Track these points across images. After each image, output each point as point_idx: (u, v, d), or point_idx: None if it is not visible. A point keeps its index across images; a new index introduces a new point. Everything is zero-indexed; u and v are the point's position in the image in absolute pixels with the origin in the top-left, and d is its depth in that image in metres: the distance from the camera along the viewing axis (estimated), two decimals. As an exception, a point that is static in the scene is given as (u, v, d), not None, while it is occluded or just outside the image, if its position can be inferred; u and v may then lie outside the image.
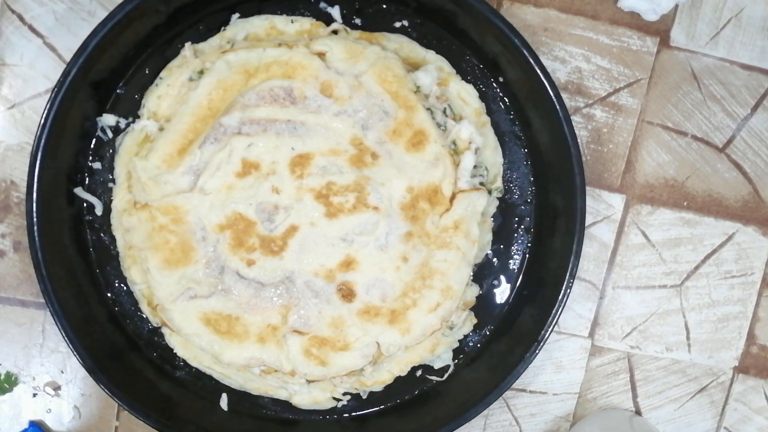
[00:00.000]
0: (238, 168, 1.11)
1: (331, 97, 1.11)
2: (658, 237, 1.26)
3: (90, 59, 1.08)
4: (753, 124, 1.25)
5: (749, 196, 1.26)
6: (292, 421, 1.22)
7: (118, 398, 1.12)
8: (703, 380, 1.28)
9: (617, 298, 1.26)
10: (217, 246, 1.12)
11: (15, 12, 1.18)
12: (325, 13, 1.18)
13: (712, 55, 1.24)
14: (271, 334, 1.13)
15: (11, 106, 1.20)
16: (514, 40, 1.10)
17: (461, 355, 1.23)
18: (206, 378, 1.20)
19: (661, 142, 1.25)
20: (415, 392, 1.23)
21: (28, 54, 1.19)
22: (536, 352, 1.14)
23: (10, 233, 1.21)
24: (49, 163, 1.09)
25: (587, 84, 1.23)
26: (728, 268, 1.27)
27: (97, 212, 1.18)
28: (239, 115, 1.10)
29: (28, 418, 1.23)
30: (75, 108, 1.11)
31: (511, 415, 1.26)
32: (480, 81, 1.20)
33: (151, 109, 1.15)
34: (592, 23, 1.23)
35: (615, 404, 1.27)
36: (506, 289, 1.23)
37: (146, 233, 1.12)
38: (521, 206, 1.22)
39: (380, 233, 1.12)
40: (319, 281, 1.13)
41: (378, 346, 1.15)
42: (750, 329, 1.27)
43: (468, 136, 1.15)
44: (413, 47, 1.18)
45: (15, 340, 1.22)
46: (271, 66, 1.11)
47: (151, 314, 1.18)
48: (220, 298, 1.13)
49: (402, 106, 1.12)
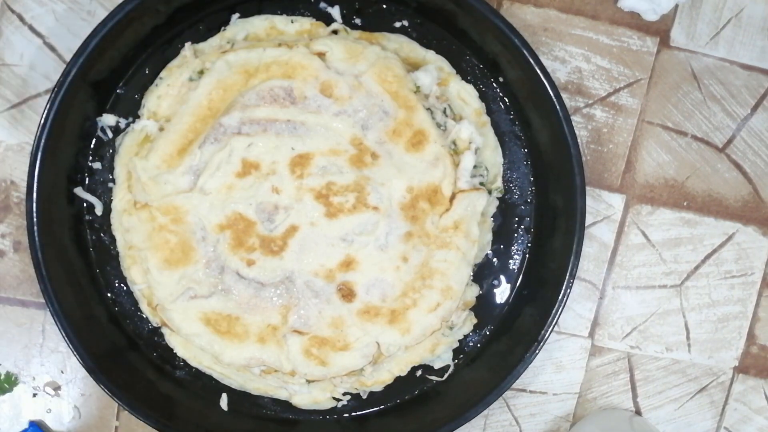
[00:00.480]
0: (238, 168, 1.11)
1: (331, 97, 1.11)
2: (658, 237, 1.26)
3: (90, 59, 1.08)
4: (753, 124, 1.25)
5: (749, 196, 1.26)
6: (292, 421, 1.22)
7: (118, 398, 1.12)
8: (703, 380, 1.28)
9: (617, 298, 1.26)
10: (217, 246, 1.12)
11: (15, 12, 1.18)
12: (325, 13, 1.18)
13: (712, 55, 1.24)
14: (271, 334, 1.13)
15: (11, 106, 1.20)
16: (514, 40, 1.10)
17: (461, 355, 1.23)
18: (206, 378, 1.20)
19: (661, 142, 1.25)
20: (415, 392, 1.23)
21: (28, 54, 1.19)
22: (536, 352, 1.14)
23: (10, 233, 1.21)
24: (49, 163, 1.09)
25: (587, 84, 1.23)
26: (728, 268, 1.27)
27: (97, 212, 1.18)
28: (239, 115, 1.10)
29: (28, 418, 1.23)
30: (75, 108, 1.11)
31: (511, 415, 1.26)
32: (480, 81, 1.20)
33: (151, 109, 1.15)
34: (592, 23, 1.23)
35: (615, 404, 1.27)
36: (506, 289, 1.23)
37: (146, 233, 1.12)
38: (521, 206, 1.22)
39: (380, 233, 1.12)
40: (319, 281, 1.13)
41: (378, 346, 1.15)
42: (750, 329, 1.27)
43: (468, 136, 1.15)
44: (413, 47, 1.18)
45: (15, 340, 1.22)
46: (271, 66, 1.11)
47: (151, 314, 1.18)
48: (220, 298, 1.13)
49: (402, 106, 1.12)
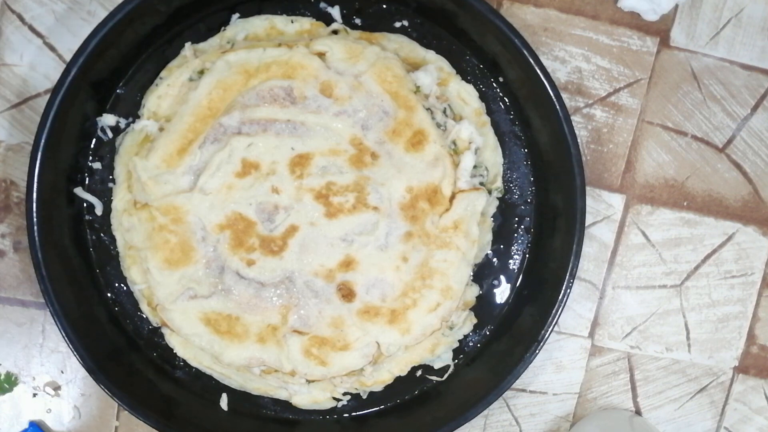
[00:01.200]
0: (238, 168, 1.11)
1: (331, 97, 1.11)
2: (658, 237, 1.25)
3: (90, 59, 1.08)
4: (753, 124, 1.25)
5: (749, 196, 1.26)
6: (292, 421, 1.22)
7: (118, 398, 1.12)
8: (703, 380, 1.28)
9: (617, 298, 1.26)
10: (217, 246, 1.12)
11: (15, 12, 1.18)
12: (325, 13, 1.18)
13: (712, 55, 1.24)
14: (271, 334, 1.13)
15: (11, 106, 1.20)
16: (514, 40, 1.10)
17: (461, 355, 1.23)
18: (206, 378, 1.20)
19: (661, 142, 1.25)
20: (415, 392, 1.23)
21: (28, 54, 1.19)
22: (536, 352, 1.14)
23: (10, 233, 1.21)
24: (49, 163, 1.09)
25: (587, 84, 1.23)
26: (728, 268, 1.27)
27: (97, 212, 1.18)
28: (239, 115, 1.10)
29: (28, 418, 1.23)
30: (75, 108, 1.11)
31: (511, 415, 1.26)
32: (480, 81, 1.20)
33: (151, 109, 1.15)
34: (592, 23, 1.23)
35: (615, 404, 1.27)
36: (506, 289, 1.23)
37: (146, 233, 1.12)
38: (521, 206, 1.22)
39: (380, 233, 1.12)
40: (319, 281, 1.13)
41: (378, 346, 1.15)
42: (750, 329, 1.27)
43: (468, 136, 1.15)
44: (413, 47, 1.18)
45: (15, 340, 1.22)
46: (271, 66, 1.11)
47: (151, 314, 1.18)
48: (220, 298, 1.13)
49: (402, 106, 1.12)
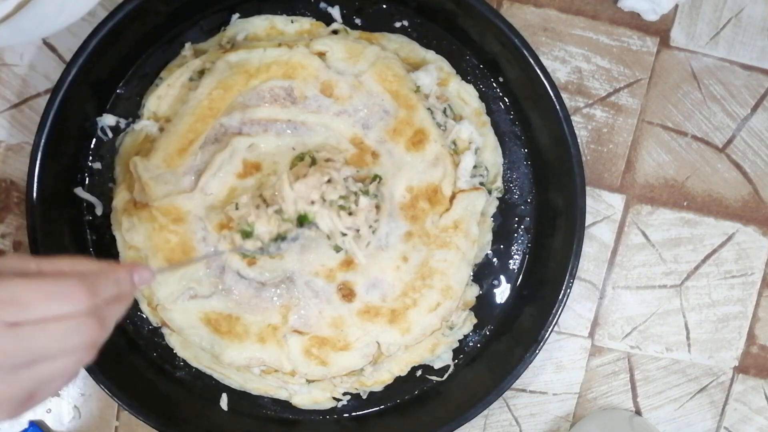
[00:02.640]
0: (239, 168, 1.11)
1: (332, 97, 1.11)
2: (658, 237, 1.26)
3: (90, 59, 1.08)
4: (753, 124, 1.25)
5: (749, 196, 1.26)
6: (292, 421, 1.22)
7: (118, 398, 1.11)
8: (703, 380, 1.28)
9: (617, 298, 1.26)
10: (218, 246, 1.12)
11: (15, 12, 1.18)
12: (325, 13, 1.18)
13: (712, 55, 1.24)
14: (272, 334, 1.13)
15: (11, 106, 1.20)
16: (514, 40, 1.10)
17: (461, 355, 1.23)
18: (206, 378, 1.20)
19: (661, 142, 1.25)
20: (415, 392, 1.23)
21: (28, 54, 1.19)
22: (536, 352, 1.14)
23: (10, 233, 1.21)
24: (49, 163, 1.09)
25: (587, 84, 1.23)
26: (728, 268, 1.27)
27: (97, 212, 1.18)
28: (240, 116, 1.10)
29: (28, 418, 1.23)
30: (75, 108, 1.11)
31: (511, 415, 1.26)
32: (480, 81, 1.20)
33: (151, 109, 1.15)
34: (592, 23, 1.23)
35: (615, 404, 1.27)
36: (506, 289, 1.23)
37: (146, 233, 1.11)
38: (521, 206, 1.22)
39: (380, 233, 1.12)
40: (319, 281, 1.13)
41: (378, 345, 1.15)
42: (750, 329, 1.27)
43: (468, 136, 1.15)
44: (413, 47, 1.18)
45: (15, 340, 1.22)
46: (272, 66, 1.11)
47: (151, 314, 1.18)
48: (221, 298, 1.13)
49: (402, 105, 1.12)
